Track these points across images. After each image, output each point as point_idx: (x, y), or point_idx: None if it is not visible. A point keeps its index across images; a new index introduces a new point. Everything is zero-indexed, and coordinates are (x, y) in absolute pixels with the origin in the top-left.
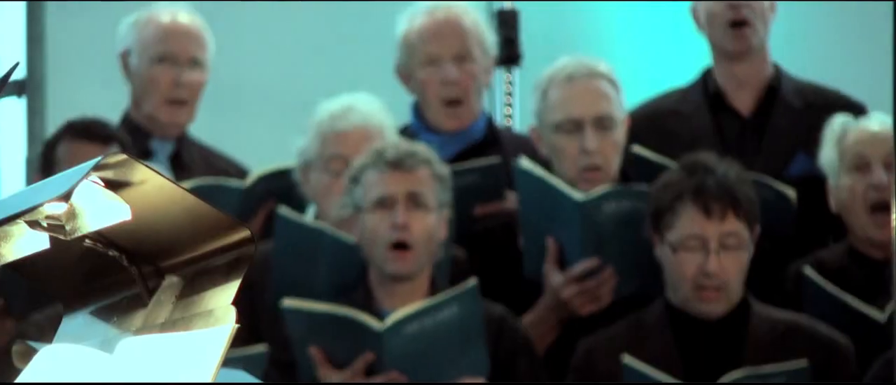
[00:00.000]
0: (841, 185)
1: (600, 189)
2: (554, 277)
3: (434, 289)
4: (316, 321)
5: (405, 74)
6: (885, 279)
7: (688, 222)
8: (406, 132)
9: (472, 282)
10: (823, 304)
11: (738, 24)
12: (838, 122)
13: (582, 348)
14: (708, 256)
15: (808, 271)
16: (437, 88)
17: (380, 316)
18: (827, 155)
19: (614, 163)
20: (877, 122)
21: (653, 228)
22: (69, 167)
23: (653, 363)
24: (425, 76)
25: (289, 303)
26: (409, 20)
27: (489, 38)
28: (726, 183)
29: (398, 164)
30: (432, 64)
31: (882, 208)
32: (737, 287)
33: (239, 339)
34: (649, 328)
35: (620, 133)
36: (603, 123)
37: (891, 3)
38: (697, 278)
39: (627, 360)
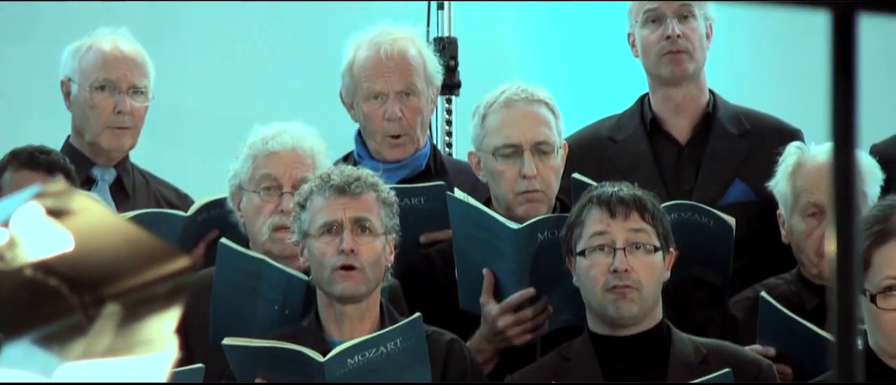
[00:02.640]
0: (796, 228)
1: (535, 218)
2: (489, 307)
3: (383, 317)
4: (257, 356)
5: (349, 103)
6: None
7: (594, 224)
8: (348, 159)
9: (416, 315)
10: (779, 329)
11: (675, 52)
12: (792, 155)
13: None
14: (616, 255)
15: (764, 295)
16: (380, 123)
17: (328, 346)
18: (780, 187)
19: (553, 188)
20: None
21: (566, 252)
22: None
23: None
24: (369, 110)
25: (228, 341)
26: (354, 50)
27: (435, 66)
28: (632, 190)
29: (344, 190)
30: (376, 99)
31: None
32: (651, 293)
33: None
34: (573, 358)
35: (559, 158)
36: (542, 149)
37: (825, 27)
38: (608, 279)
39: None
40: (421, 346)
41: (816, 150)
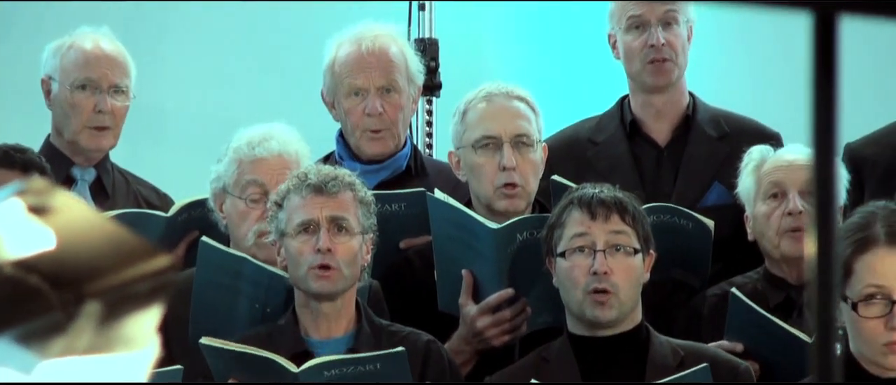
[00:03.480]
0: (757, 213)
1: (515, 218)
2: (468, 308)
3: (360, 316)
4: (233, 359)
5: (330, 102)
6: (799, 304)
7: (574, 226)
8: (329, 160)
9: (400, 349)
10: (748, 325)
11: (660, 61)
12: (757, 152)
13: None
14: (596, 257)
15: (734, 291)
16: (361, 119)
17: (305, 345)
18: (744, 184)
19: (532, 184)
20: (793, 151)
21: (546, 253)
22: None
23: None
24: (349, 106)
25: (206, 340)
26: (336, 48)
27: (416, 66)
28: (613, 192)
29: (321, 189)
30: (357, 95)
31: (796, 231)
32: (630, 296)
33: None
34: (552, 359)
35: (539, 155)
36: (522, 141)
37: (806, 28)
38: (587, 281)
39: (534, 381)
40: (402, 376)
41: (781, 150)
